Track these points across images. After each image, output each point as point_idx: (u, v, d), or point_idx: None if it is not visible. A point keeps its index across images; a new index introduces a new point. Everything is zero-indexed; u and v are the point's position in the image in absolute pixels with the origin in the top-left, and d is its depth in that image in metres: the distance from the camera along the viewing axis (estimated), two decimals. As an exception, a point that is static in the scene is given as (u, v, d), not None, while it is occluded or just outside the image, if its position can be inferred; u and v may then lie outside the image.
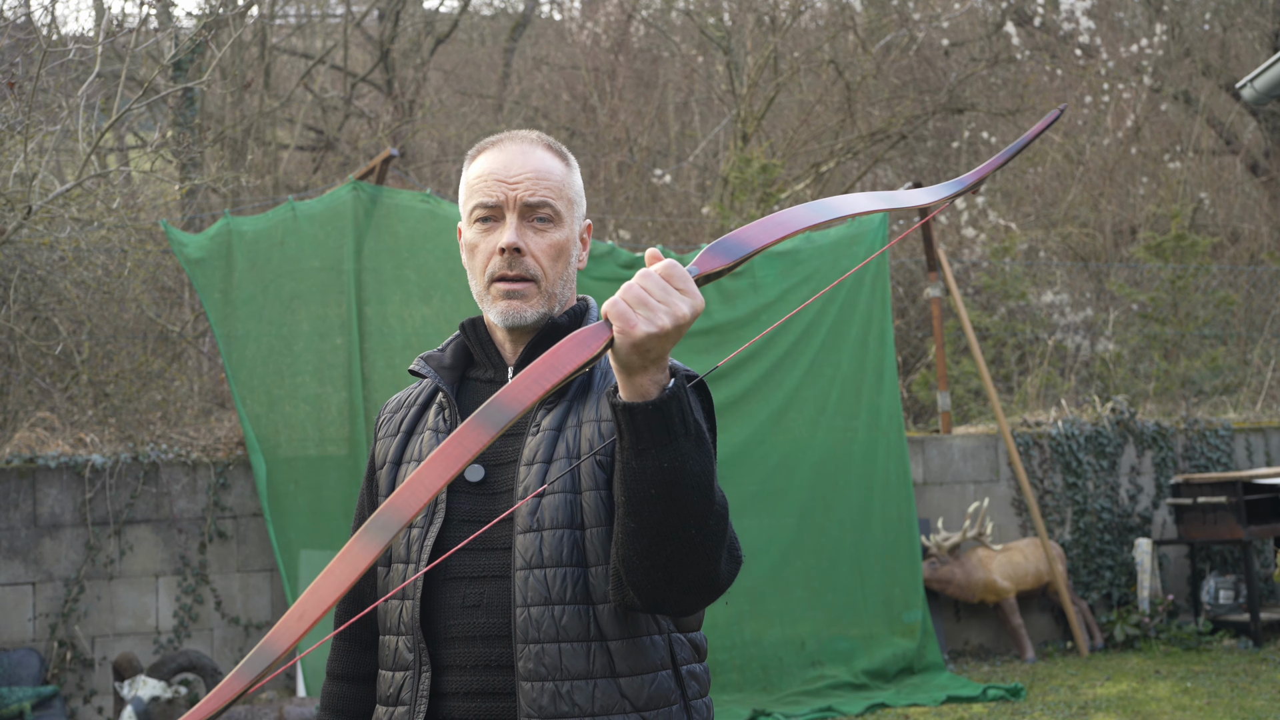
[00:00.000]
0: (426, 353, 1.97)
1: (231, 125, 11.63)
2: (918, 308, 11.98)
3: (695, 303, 1.52)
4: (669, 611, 1.70)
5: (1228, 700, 6.88)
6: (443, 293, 7.16)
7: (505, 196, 1.85)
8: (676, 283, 1.52)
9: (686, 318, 1.51)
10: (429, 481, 1.42)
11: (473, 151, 1.93)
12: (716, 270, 1.56)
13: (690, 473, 1.57)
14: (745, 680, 7.34)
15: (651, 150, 14.74)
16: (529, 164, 1.86)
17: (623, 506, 1.61)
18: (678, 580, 1.63)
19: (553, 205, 1.86)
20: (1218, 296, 11.67)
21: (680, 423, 1.56)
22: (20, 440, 7.26)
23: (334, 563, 1.41)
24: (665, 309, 1.50)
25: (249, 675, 1.36)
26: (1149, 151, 14.91)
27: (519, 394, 1.45)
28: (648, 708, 1.75)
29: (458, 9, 16.26)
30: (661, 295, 1.51)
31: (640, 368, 1.53)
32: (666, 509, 1.57)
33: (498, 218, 1.86)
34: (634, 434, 1.56)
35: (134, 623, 7.03)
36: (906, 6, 14.41)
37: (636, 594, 1.66)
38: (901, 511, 7.98)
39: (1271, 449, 9.82)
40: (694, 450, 1.57)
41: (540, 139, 1.91)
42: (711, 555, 1.63)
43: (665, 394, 1.54)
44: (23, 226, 6.70)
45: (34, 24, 8.43)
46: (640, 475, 1.57)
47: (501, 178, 1.86)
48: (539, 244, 1.85)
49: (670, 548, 1.60)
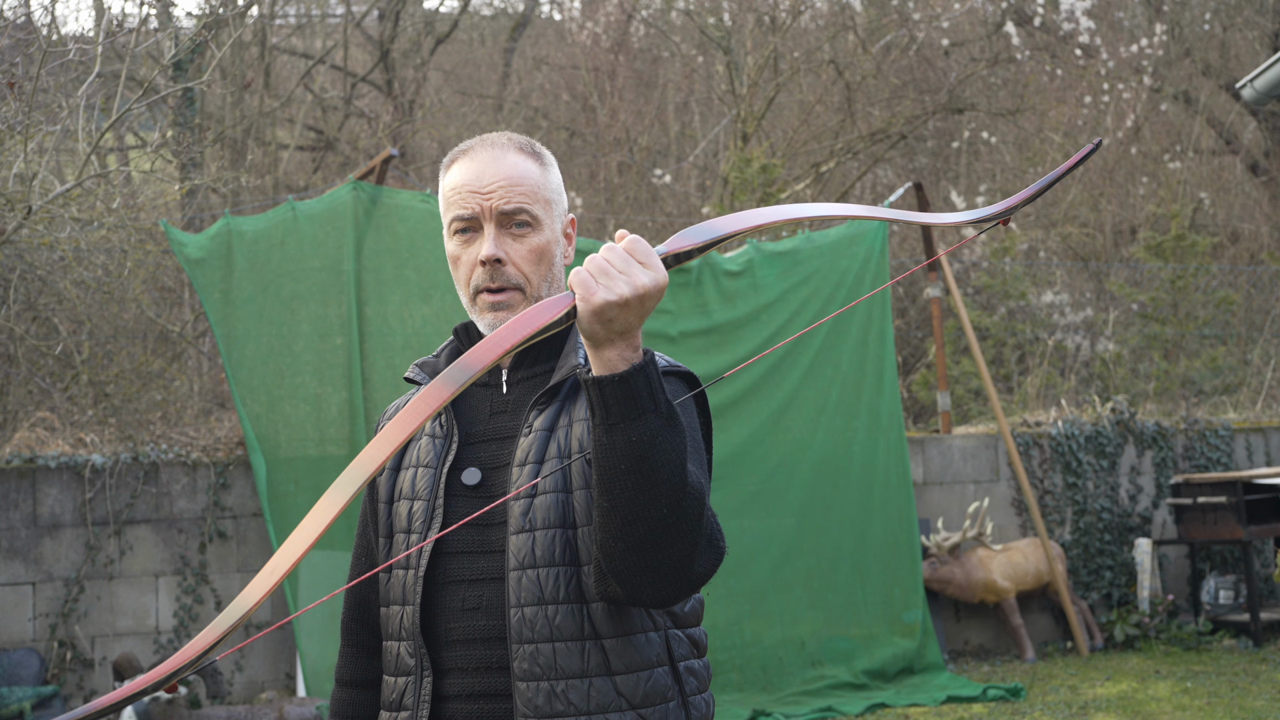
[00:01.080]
0: (421, 359, 1.98)
1: (231, 125, 11.63)
2: (918, 308, 11.98)
3: (657, 275, 1.56)
4: (649, 602, 1.70)
5: (1228, 700, 6.88)
6: (443, 293, 7.16)
7: (480, 207, 1.84)
8: (639, 255, 1.57)
9: (647, 288, 1.55)
10: (393, 436, 1.47)
11: (446, 161, 1.92)
12: (684, 250, 1.61)
13: (660, 449, 1.59)
14: (745, 680, 7.34)
15: (651, 150, 14.74)
16: (501, 170, 1.85)
17: (597, 486, 1.63)
18: (653, 565, 1.63)
19: (529, 210, 1.85)
20: (1218, 296, 11.67)
21: (649, 398, 1.58)
22: (20, 440, 7.26)
23: (305, 520, 1.45)
24: (625, 278, 1.55)
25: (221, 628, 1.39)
26: (1149, 151, 14.91)
27: (481, 355, 1.51)
28: (644, 705, 1.75)
29: (458, 9, 16.26)
30: (623, 265, 1.56)
31: (605, 339, 1.57)
32: (637, 485, 1.59)
33: (475, 229, 1.86)
34: (603, 408, 1.58)
35: (134, 623, 7.04)
36: (906, 6, 14.41)
37: (616, 581, 1.67)
38: (901, 511, 7.97)
39: (1271, 449, 9.82)
40: (664, 429, 1.59)
41: (511, 141, 1.90)
42: (686, 540, 1.63)
43: (632, 369, 1.57)
44: (23, 226, 6.70)
45: (34, 24, 8.43)
46: (610, 450, 1.59)
47: (475, 188, 1.85)
48: (519, 251, 1.85)
49: (643, 527, 1.60)
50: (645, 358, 1.60)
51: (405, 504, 1.88)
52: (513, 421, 1.86)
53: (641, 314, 1.56)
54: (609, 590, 1.70)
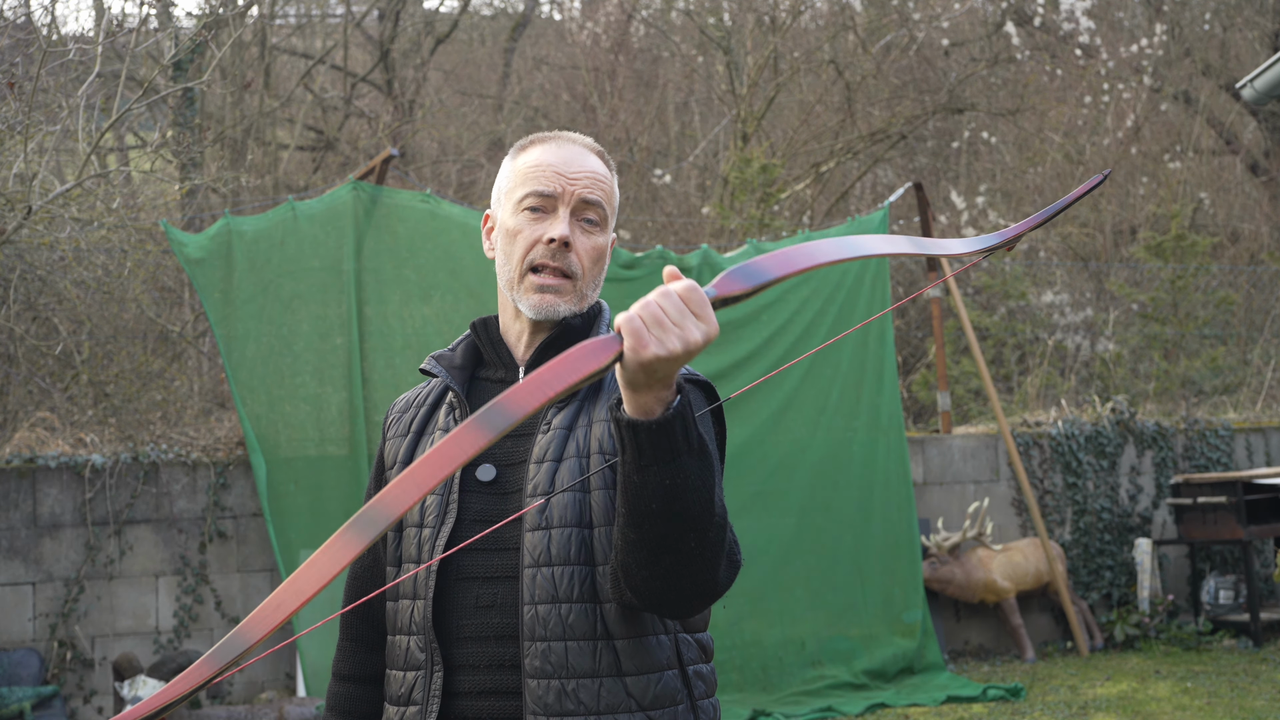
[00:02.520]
0: (437, 352, 1.96)
1: (231, 125, 11.63)
2: (918, 308, 11.98)
3: (709, 329, 1.47)
4: (667, 614, 1.71)
5: (1228, 700, 6.88)
6: (443, 293, 7.16)
7: (563, 189, 1.85)
8: (694, 306, 1.47)
9: (699, 344, 1.46)
10: (421, 480, 1.36)
11: (523, 142, 1.93)
12: (735, 295, 1.51)
13: (692, 488, 1.56)
14: (745, 680, 7.34)
15: (651, 150, 14.74)
16: (588, 164, 1.88)
17: (623, 517, 1.61)
18: (676, 588, 1.64)
19: (604, 208, 1.87)
20: (1218, 296, 11.67)
21: (683, 439, 1.53)
22: (20, 440, 7.26)
23: (316, 555, 1.35)
24: (678, 333, 1.45)
25: (218, 662, 1.31)
26: (1149, 151, 14.91)
27: (521, 400, 1.40)
28: (653, 707, 1.75)
29: (458, 9, 16.26)
30: (678, 318, 1.46)
31: (646, 386, 1.50)
32: (667, 522, 1.57)
33: (549, 209, 1.85)
34: (636, 451, 1.54)
35: (134, 623, 7.03)
36: (906, 6, 14.41)
37: (635, 596, 1.68)
38: (901, 511, 7.98)
39: (1271, 449, 9.82)
40: (696, 465, 1.56)
41: (594, 145, 1.92)
42: (710, 564, 1.63)
43: (670, 413, 1.51)
44: (23, 226, 6.70)
45: (34, 24, 8.43)
46: (641, 490, 1.56)
47: (561, 171, 1.86)
48: (585, 244, 1.86)
49: (670, 559, 1.60)
50: (679, 397, 1.54)
51: None
52: (530, 418, 1.86)
53: (685, 364, 1.49)
54: (625, 599, 1.70)
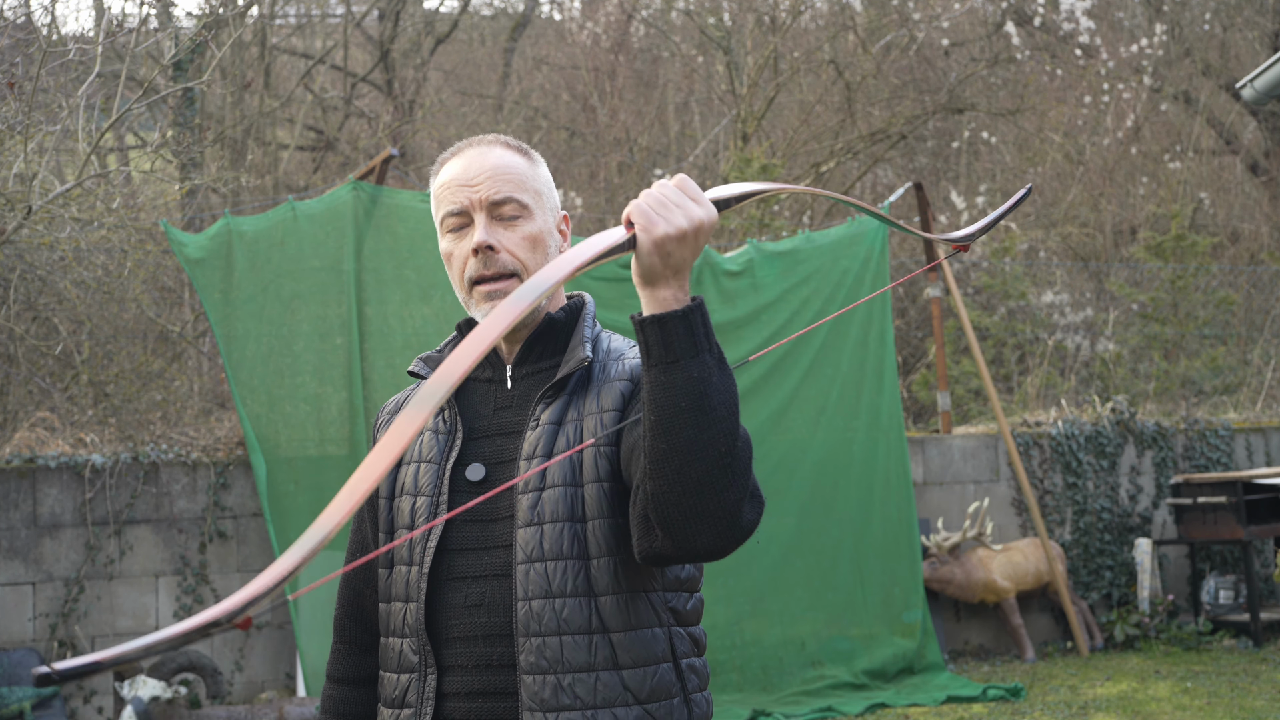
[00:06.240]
0: (425, 354, 1.97)
1: (231, 125, 11.63)
2: (918, 308, 11.98)
3: (709, 210, 1.60)
4: (700, 551, 1.65)
5: (1228, 700, 6.88)
6: (443, 293, 7.16)
7: (469, 200, 1.86)
8: (690, 191, 1.61)
9: (703, 221, 1.59)
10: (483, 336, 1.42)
11: (435, 166, 1.95)
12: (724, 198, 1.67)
13: (717, 387, 1.60)
14: (745, 680, 7.34)
15: (651, 150, 14.74)
16: (487, 163, 1.88)
17: (652, 430, 1.60)
18: (708, 509, 1.60)
19: (517, 199, 1.87)
20: (1218, 296, 11.67)
21: (705, 337, 1.60)
22: (20, 440, 7.26)
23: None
24: (681, 211, 1.59)
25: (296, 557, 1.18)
26: (1149, 151, 14.91)
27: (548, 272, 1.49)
28: (650, 700, 1.75)
29: (458, 9, 16.26)
30: (678, 199, 1.60)
31: (662, 276, 1.59)
32: (697, 423, 1.58)
33: (467, 223, 1.87)
34: (663, 346, 1.59)
35: (134, 623, 7.03)
36: (906, 6, 14.41)
37: (666, 531, 1.63)
38: (901, 511, 7.97)
39: (1271, 449, 9.82)
40: (718, 368, 1.61)
41: (498, 139, 1.93)
42: (739, 484, 1.62)
43: (693, 304, 1.60)
44: (23, 226, 6.70)
45: (34, 24, 8.43)
46: (670, 389, 1.58)
47: (462, 182, 1.87)
48: (512, 239, 1.86)
49: (700, 468, 1.59)
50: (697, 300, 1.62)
51: (408, 499, 1.88)
52: (518, 416, 1.86)
53: (695, 249, 1.59)
54: (655, 546, 1.66)
